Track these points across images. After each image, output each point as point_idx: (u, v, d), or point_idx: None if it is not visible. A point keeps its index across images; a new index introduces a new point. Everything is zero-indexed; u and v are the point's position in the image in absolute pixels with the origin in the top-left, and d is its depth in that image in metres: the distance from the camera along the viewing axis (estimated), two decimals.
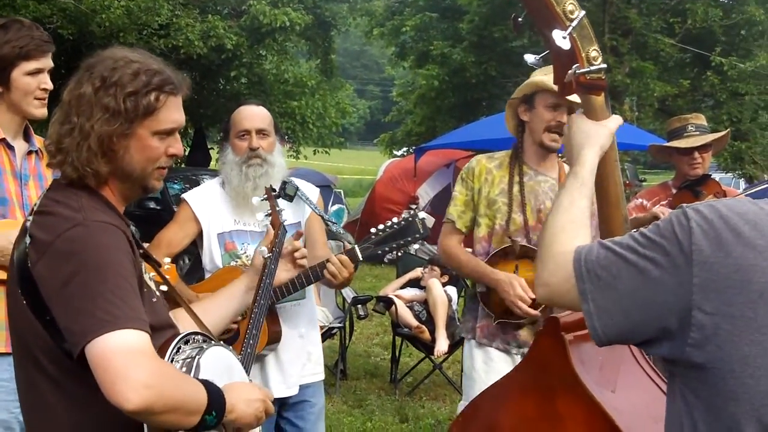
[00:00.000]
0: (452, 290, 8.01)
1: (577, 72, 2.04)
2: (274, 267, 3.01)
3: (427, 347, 7.63)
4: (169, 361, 2.03)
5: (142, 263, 2.19)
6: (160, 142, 2.13)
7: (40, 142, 3.34)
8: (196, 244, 3.84)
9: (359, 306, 7.94)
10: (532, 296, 3.73)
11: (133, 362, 1.83)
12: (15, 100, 3.27)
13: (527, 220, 3.88)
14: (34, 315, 1.98)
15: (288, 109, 20.20)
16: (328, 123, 22.24)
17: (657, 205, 4.77)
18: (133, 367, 1.82)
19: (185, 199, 3.79)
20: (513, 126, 4.02)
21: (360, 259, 3.48)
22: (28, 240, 2.00)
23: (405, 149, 25.89)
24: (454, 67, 22.82)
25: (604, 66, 2.06)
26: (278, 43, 20.39)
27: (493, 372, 3.88)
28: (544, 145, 3.87)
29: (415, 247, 3.40)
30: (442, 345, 7.38)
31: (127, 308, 1.90)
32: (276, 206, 3.34)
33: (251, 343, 3.02)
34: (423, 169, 14.73)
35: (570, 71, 2.05)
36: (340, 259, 3.46)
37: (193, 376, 2.02)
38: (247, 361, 2.92)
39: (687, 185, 4.76)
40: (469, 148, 13.28)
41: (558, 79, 2.12)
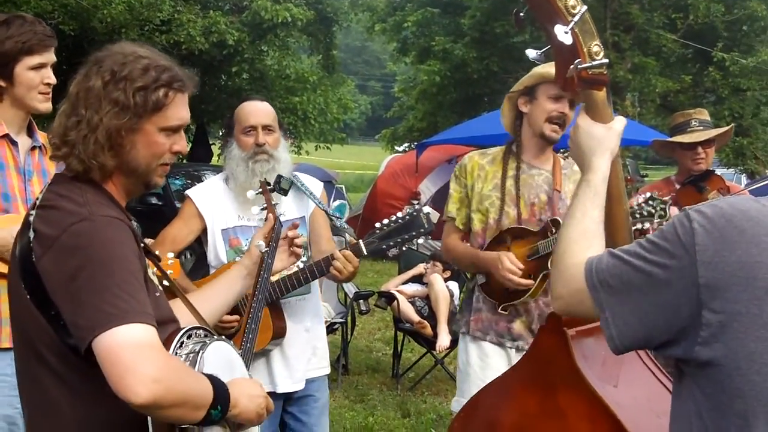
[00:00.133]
0: (454, 285, 8.03)
1: (579, 67, 2.04)
2: (271, 262, 3.01)
3: (429, 342, 7.64)
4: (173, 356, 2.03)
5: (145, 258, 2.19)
6: (166, 139, 2.14)
7: (43, 138, 3.34)
8: (199, 241, 3.85)
9: (361, 301, 7.95)
10: (521, 266, 3.76)
11: (141, 356, 1.83)
12: (19, 95, 3.27)
13: (521, 213, 3.88)
14: (38, 309, 1.98)
15: (290, 104, 20.18)
16: (329, 119, 22.21)
17: None
18: (142, 361, 1.82)
19: (189, 195, 3.79)
20: (510, 121, 4.01)
21: (365, 253, 3.48)
22: (32, 234, 1.99)
23: (406, 145, 25.88)
24: (456, 63, 22.79)
25: (606, 61, 2.06)
26: (280, 38, 20.40)
27: (488, 368, 3.91)
28: (545, 136, 3.86)
29: (419, 241, 3.39)
30: (443, 340, 7.39)
31: (134, 302, 1.90)
32: (271, 200, 3.33)
33: (250, 338, 3.02)
34: (424, 165, 14.71)
35: (572, 66, 2.05)
36: (344, 254, 3.46)
37: (197, 370, 2.02)
38: (247, 356, 2.92)
39: (690, 181, 4.74)
40: (471, 144, 13.23)
41: (560, 75, 2.12)
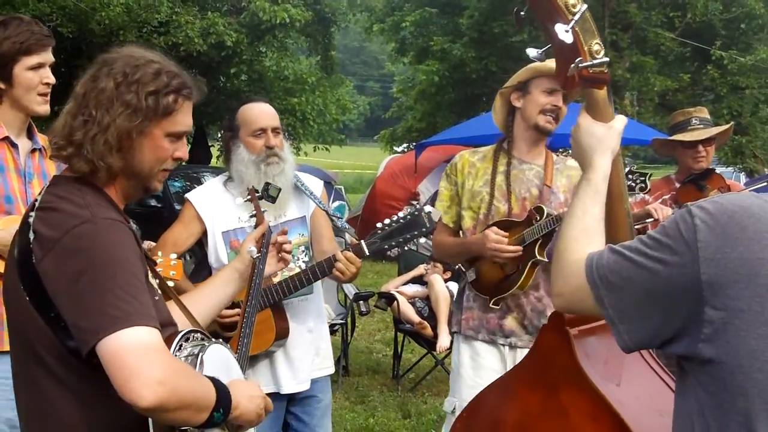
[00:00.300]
0: (454, 286, 7.99)
1: (580, 65, 2.03)
2: (262, 267, 3.01)
3: (429, 343, 7.63)
4: None
5: None
6: (170, 144, 2.15)
7: (43, 140, 3.34)
8: (200, 244, 3.84)
9: (361, 302, 7.94)
10: (506, 234, 3.78)
11: (146, 359, 1.82)
12: (18, 96, 3.27)
13: (511, 208, 3.89)
14: (37, 311, 1.97)
15: (288, 105, 20.21)
16: (328, 119, 22.26)
17: (654, 203, 4.76)
18: (147, 364, 1.82)
19: (189, 198, 3.79)
20: (502, 117, 4.02)
21: (367, 254, 3.48)
22: (32, 235, 1.98)
23: (405, 145, 25.90)
24: (455, 63, 22.82)
25: (607, 60, 2.06)
26: (278, 39, 20.42)
27: (480, 368, 3.92)
28: (539, 127, 3.86)
29: (420, 241, 3.39)
30: (444, 341, 7.37)
31: (138, 305, 1.89)
32: (260, 207, 3.34)
33: (245, 342, 3.02)
34: (423, 165, 14.71)
35: (572, 65, 2.05)
36: (346, 255, 3.46)
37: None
38: (242, 360, 2.92)
39: (691, 179, 4.73)
40: (470, 144, 13.14)
41: (560, 73, 2.11)
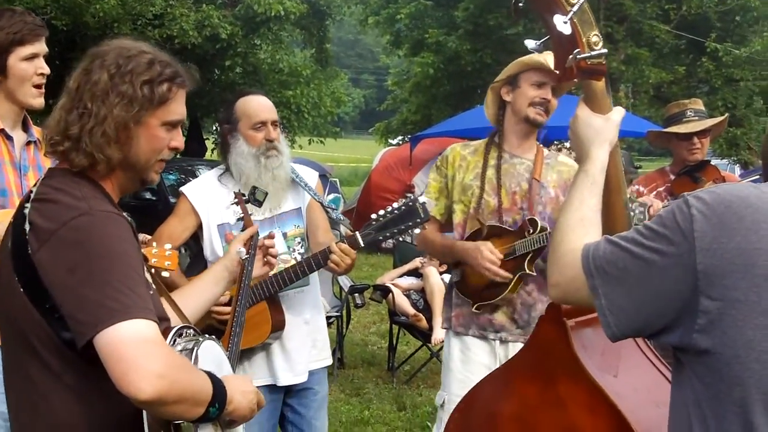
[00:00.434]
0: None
1: (578, 57, 2.04)
2: (251, 268, 3.02)
3: (425, 335, 7.64)
4: None
5: None
6: (166, 134, 2.14)
7: (38, 133, 3.33)
8: (196, 239, 3.84)
9: (356, 295, 7.94)
10: (500, 256, 3.75)
11: (145, 352, 1.82)
12: (12, 87, 3.25)
13: (501, 202, 3.88)
14: (32, 303, 1.96)
15: (283, 98, 20.11)
16: (323, 112, 22.14)
17: (648, 195, 4.76)
18: (146, 357, 1.81)
19: (183, 192, 3.79)
20: (493, 112, 4.01)
21: (362, 245, 3.48)
22: (28, 227, 1.97)
23: (400, 138, 25.85)
24: (450, 55, 22.77)
25: (605, 51, 2.06)
26: (273, 32, 20.31)
27: (470, 362, 3.92)
28: (530, 119, 3.86)
29: (416, 231, 3.37)
30: (439, 333, 7.34)
31: (136, 298, 1.89)
32: (247, 210, 3.35)
33: (236, 341, 3.02)
34: (418, 158, 14.69)
35: (571, 56, 2.05)
36: (341, 247, 3.46)
37: None
38: (232, 359, 2.92)
39: (686, 171, 4.73)
40: (465, 136, 13.17)
41: (559, 65, 2.11)
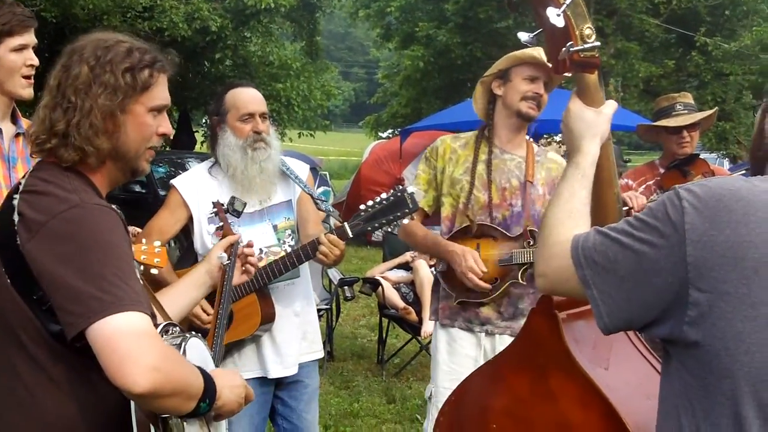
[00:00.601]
0: None
1: (571, 50, 2.03)
2: (231, 274, 3.01)
3: (414, 328, 7.65)
4: None
5: None
6: (153, 120, 2.14)
7: (27, 125, 3.30)
8: (186, 232, 3.83)
9: (346, 287, 7.93)
10: (484, 270, 3.74)
11: (140, 344, 1.81)
12: (1, 79, 3.23)
13: (491, 198, 3.87)
14: (19, 294, 1.96)
15: (273, 91, 20.06)
16: (313, 105, 22.11)
17: (637, 188, 4.77)
18: (141, 350, 1.80)
19: (174, 185, 3.78)
20: (482, 106, 4.00)
21: (350, 236, 3.47)
22: (17, 218, 1.96)
23: (390, 131, 25.86)
24: (440, 49, 22.80)
25: (598, 44, 2.05)
26: (263, 25, 20.27)
27: (456, 354, 3.92)
28: (522, 113, 3.85)
29: (405, 221, 3.36)
30: (428, 326, 7.34)
31: (129, 290, 1.88)
32: (226, 220, 3.34)
33: (218, 344, 3.02)
34: (408, 151, 14.69)
35: (564, 49, 2.04)
36: (329, 238, 3.45)
37: None
38: (216, 361, 2.91)
39: (675, 165, 4.74)
40: (455, 130, 13.18)
41: (552, 57, 2.11)
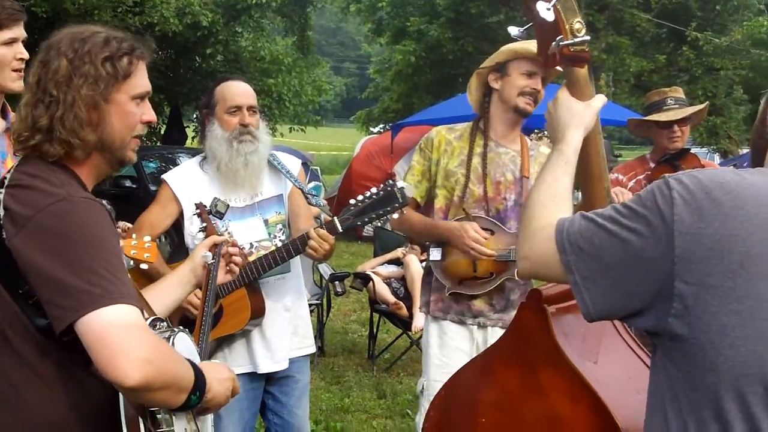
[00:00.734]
0: None
1: (561, 44, 2.03)
2: (215, 274, 3.00)
3: (405, 323, 7.66)
4: None
5: None
6: (137, 108, 2.13)
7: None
8: (177, 227, 3.82)
9: (337, 283, 7.94)
10: (486, 236, 3.74)
11: (132, 337, 1.81)
12: None
13: (486, 191, 3.86)
14: (5, 288, 1.95)
15: (264, 86, 20.03)
16: (304, 100, 22.09)
17: (628, 183, 4.77)
18: (133, 342, 1.80)
19: (165, 179, 3.77)
20: (477, 98, 3.97)
21: (340, 230, 3.46)
22: (2, 212, 1.96)
23: (382, 126, 25.88)
24: (431, 44, 22.80)
25: (588, 38, 2.05)
26: (254, 20, 20.25)
27: (447, 347, 3.90)
28: (519, 109, 3.83)
29: (394, 216, 3.35)
30: (419, 321, 7.33)
31: (119, 283, 1.87)
32: (210, 221, 3.33)
33: (204, 341, 3.00)
34: (400, 146, 14.71)
35: (554, 43, 2.04)
36: (319, 233, 3.44)
37: None
38: (202, 359, 2.90)
39: (666, 159, 4.74)
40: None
41: (542, 51, 2.11)
